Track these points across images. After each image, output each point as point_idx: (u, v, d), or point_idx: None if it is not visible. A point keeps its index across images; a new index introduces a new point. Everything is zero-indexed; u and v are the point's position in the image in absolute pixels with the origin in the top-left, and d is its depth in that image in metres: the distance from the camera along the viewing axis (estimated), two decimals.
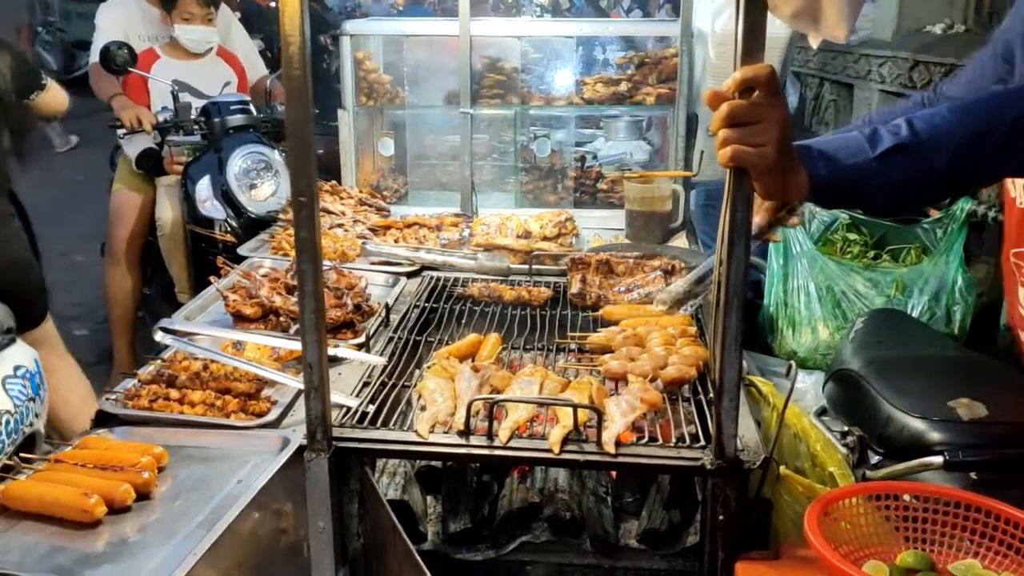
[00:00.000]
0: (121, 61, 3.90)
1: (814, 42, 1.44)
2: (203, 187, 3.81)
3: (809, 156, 1.42)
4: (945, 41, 4.60)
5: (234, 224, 3.80)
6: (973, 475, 1.80)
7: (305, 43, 1.54)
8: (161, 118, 4.05)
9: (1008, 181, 1.99)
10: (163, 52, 4.26)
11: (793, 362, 1.76)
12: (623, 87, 3.53)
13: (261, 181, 3.82)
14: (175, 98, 3.98)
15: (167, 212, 4.08)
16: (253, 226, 3.65)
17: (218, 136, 3.87)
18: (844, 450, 2.07)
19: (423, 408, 1.87)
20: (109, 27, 4.28)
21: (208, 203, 3.79)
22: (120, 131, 4.03)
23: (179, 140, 3.96)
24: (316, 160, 1.62)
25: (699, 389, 1.97)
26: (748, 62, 1.39)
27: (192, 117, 3.96)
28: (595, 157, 3.98)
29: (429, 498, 2.05)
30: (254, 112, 4.01)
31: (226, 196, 3.77)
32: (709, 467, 1.63)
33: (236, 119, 3.92)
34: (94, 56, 4.18)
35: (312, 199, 1.60)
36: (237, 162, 3.80)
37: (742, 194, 1.47)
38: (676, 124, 3.43)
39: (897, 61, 4.71)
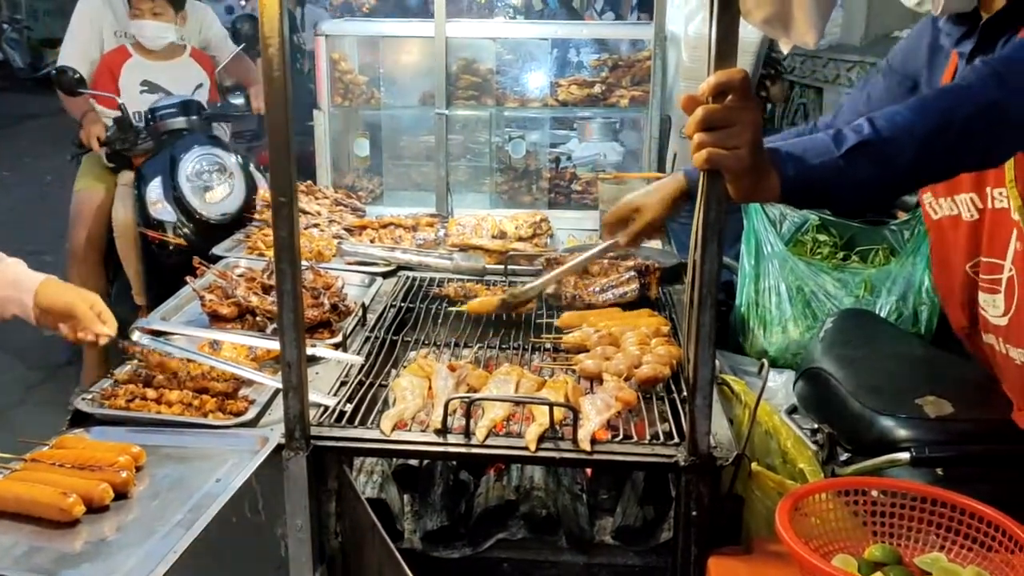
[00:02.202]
0: (68, 85, 3.84)
1: (785, 47, 1.48)
2: (154, 188, 3.68)
3: (778, 158, 1.46)
4: None
5: (186, 228, 3.68)
6: (939, 471, 1.84)
7: (284, 44, 1.55)
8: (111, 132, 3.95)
9: (928, 208, 2.04)
10: (135, 51, 4.16)
11: (765, 361, 1.79)
12: (597, 89, 3.56)
13: (215, 184, 3.70)
14: (122, 111, 3.85)
15: (120, 213, 3.96)
16: (206, 230, 3.58)
17: (165, 140, 3.76)
18: (814, 447, 2.11)
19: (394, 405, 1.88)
20: (81, 25, 4.21)
21: (159, 205, 3.67)
22: (76, 150, 4.03)
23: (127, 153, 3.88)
24: (297, 160, 1.63)
25: (673, 388, 2.00)
26: (721, 66, 1.42)
27: (139, 125, 3.86)
28: (569, 158, 4.01)
29: (406, 496, 2.07)
30: (197, 116, 3.88)
31: (177, 199, 3.66)
32: (683, 464, 1.66)
33: (176, 122, 3.81)
34: (62, 58, 4.11)
35: (291, 199, 1.61)
36: (190, 164, 3.68)
37: (715, 195, 1.50)
38: (650, 126, 3.47)
39: (865, 65, 4.78)
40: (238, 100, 4.30)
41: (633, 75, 3.55)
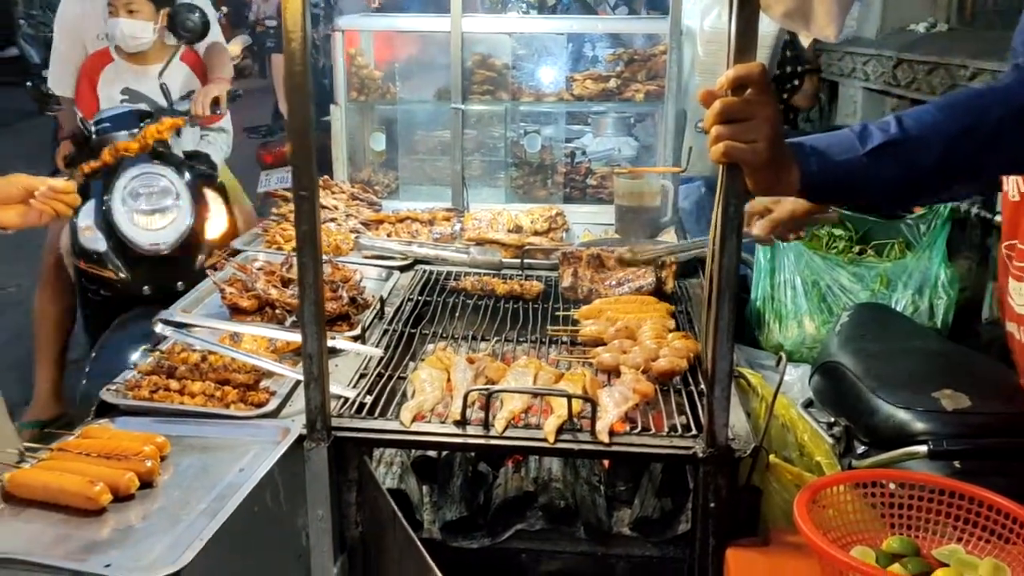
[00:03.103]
0: (38, 100, 3.61)
1: (805, 41, 1.48)
2: (85, 213, 3.17)
3: (801, 152, 1.46)
4: (928, 40, 4.67)
5: (118, 260, 3.17)
6: (956, 463, 1.85)
7: (306, 40, 1.57)
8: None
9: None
10: (116, 54, 3.72)
11: (783, 354, 1.80)
12: (612, 84, 3.57)
13: (155, 208, 3.18)
14: (82, 125, 3.42)
15: (64, 240, 3.44)
16: (145, 263, 3.17)
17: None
18: (831, 440, 2.12)
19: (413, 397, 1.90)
20: (63, 29, 3.87)
21: (89, 232, 3.17)
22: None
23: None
24: (316, 155, 1.65)
25: (690, 380, 2.01)
26: (740, 60, 1.43)
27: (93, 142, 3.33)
28: (584, 153, 4.02)
29: (425, 488, 2.09)
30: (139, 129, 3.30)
31: (108, 225, 3.16)
32: (701, 455, 1.67)
33: (117, 136, 3.26)
34: (50, 74, 3.80)
35: (313, 193, 1.63)
36: (124, 184, 3.15)
37: (734, 190, 1.51)
38: (665, 120, 3.47)
39: (881, 59, 4.76)
40: (184, 106, 3.56)
41: (648, 70, 3.55)
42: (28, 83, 3.74)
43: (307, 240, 1.65)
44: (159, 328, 2.00)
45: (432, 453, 2.13)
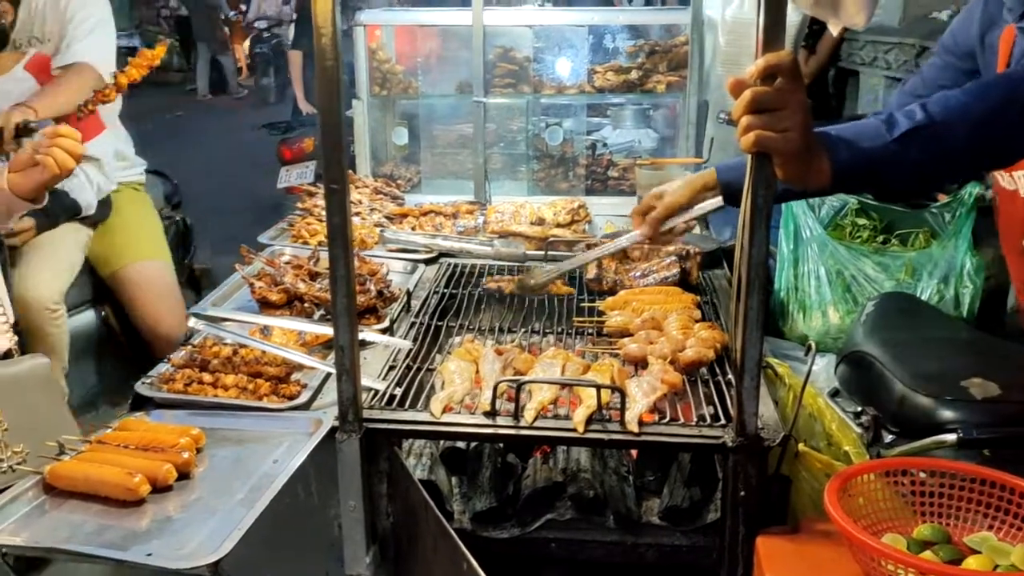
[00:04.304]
0: None
1: (834, 29, 1.48)
2: None
3: (829, 141, 1.46)
4: None
5: None
6: (986, 452, 1.85)
7: (337, 34, 1.58)
8: None
9: (997, 174, 2.03)
10: None
11: (812, 343, 1.80)
12: (634, 75, 3.57)
13: None
14: None
15: None
16: None
17: None
18: (858, 429, 2.12)
19: (442, 389, 1.92)
20: None
21: None
22: None
23: None
24: (347, 148, 1.66)
25: (717, 371, 2.01)
26: (769, 50, 1.43)
27: None
28: (605, 145, 4.02)
29: (454, 479, 2.10)
30: None
31: None
32: (731, 444, 1.68)
33: None
34: None
35: (344, 186, 1.65)
36: None
37: (763, 178, 1.51)
38: (687, 111, 3.47)
39: (903, 47, 4.72)
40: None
41: (670, 60, 3.55)
42: None
43: (338, 232, 1.67)
44: (192, 322, 2.03)
45: (461, 444, 2.14)
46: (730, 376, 1.98)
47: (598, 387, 1.80)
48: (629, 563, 1.94)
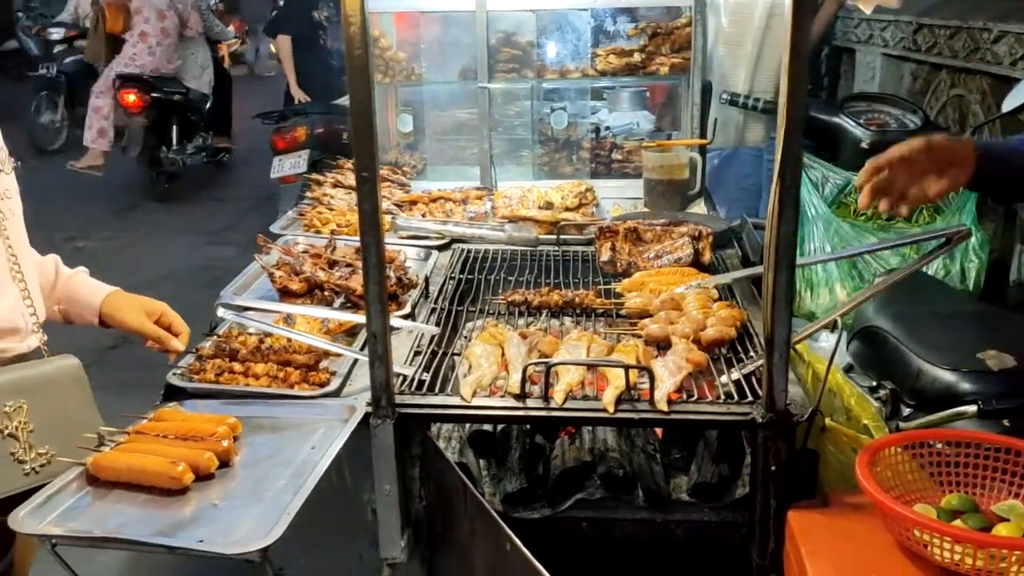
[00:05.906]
0: None
1: (867, 8, 1.50)
2: None
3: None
4: (948, 4, 4.64)
5: None
6: (1006, 422, 1.88)
7: (365, 22, 1.59)
8: None
9: None
10: None
11: (839, 319, 1.83)
12: (636, 58, 3.58)
13: None
14: None
15: None
16: None
17: None
18: (876, 404, 2.16)
19: (468, 373, 1.94)
20: None
21: None
22: None
23: None
24: (376, 137, 1.67)
25: (738, 348, 2.04)
26: (797, 32, 1.46)
27: None
28: (608, 128, 4.04)
29: (482, 461, 2.13)
30: None
31: None
32: (760, 420, 1.71)
33: None
34: None
35: (374, 174, 1.66)
36: None
37: (791, 157, 1.54)
38: (691, 93, 3.48)
39: (900, 24, 4.74)
40: None
41: (673, 42, 3.56)
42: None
43: (370, 221, 1.68)
44: (220, 312, 2.04)
45: (488, 427, 2.17)
46: (752, 353, 2.01)
47: (626, 367, 1.83)
48: (660, 540, 1.98)
